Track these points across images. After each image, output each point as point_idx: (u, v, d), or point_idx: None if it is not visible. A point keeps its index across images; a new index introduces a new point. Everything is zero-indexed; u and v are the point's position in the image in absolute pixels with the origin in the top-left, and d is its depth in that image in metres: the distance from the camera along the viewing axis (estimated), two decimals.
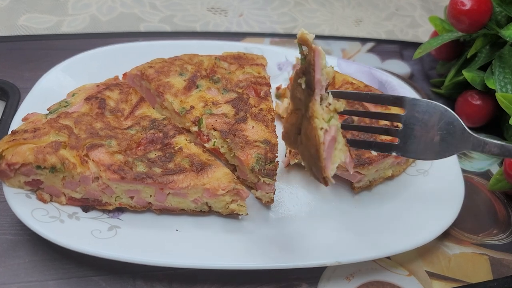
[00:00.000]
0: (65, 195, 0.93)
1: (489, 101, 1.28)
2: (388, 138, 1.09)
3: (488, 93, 1.27)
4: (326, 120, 0.79)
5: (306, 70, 0.80)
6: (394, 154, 0.90)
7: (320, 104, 0.79)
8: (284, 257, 0.91)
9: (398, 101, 0.89)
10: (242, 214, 0.96)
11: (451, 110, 0.85)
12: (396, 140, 0.90)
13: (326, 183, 0.82)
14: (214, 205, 0.96)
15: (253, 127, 1.05)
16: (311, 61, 0.79)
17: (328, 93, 0.81)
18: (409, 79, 1.50)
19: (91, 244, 0.86)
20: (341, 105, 0.81)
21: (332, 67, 0.80)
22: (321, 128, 0.78)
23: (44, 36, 1.42)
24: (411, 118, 0.87)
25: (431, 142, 0.86)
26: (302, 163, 1.07)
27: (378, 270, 0.97)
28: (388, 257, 0.99)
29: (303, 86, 0.80)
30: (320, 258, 0.90)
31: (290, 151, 1.09)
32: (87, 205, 0.94)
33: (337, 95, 0.86)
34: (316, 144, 0.79)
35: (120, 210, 0.95)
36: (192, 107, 1.08)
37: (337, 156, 0.82)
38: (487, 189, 1.18)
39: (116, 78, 1.14)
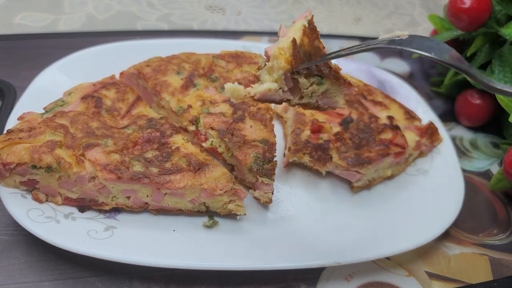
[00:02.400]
0: (61, 195, 0.92)
1: (488, 100, 1.27)
2: (388, 137, 1.08)
3: (487, 92, 1.26)
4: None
5: None
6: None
7: None
8: (282, 257, 0.90)
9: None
10: (240, 214, 0.95)
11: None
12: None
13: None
14: (211, 205, 0.95)
15: (251, 126, 1.04)
16: None
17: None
18: (408, 78, 1.49)
19: (87, 244, 0.85)
20: None
21: None
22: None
23: (40, 34, 1.41)
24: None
25: None
26: (301, 161, 1.07)
27: (377, 271, 0.96)
28: (388, 258, 0.98)
29: None
30: (319, 258, 0.90)
31: (289, 149, 1.08)
32: (83, 205, 0.93)
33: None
34: None
35: (117, 210, 0.94)
36: (190, 106, 1.07)
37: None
38: (487, 189, 1.17)
39: (113, 77, 1.14)
